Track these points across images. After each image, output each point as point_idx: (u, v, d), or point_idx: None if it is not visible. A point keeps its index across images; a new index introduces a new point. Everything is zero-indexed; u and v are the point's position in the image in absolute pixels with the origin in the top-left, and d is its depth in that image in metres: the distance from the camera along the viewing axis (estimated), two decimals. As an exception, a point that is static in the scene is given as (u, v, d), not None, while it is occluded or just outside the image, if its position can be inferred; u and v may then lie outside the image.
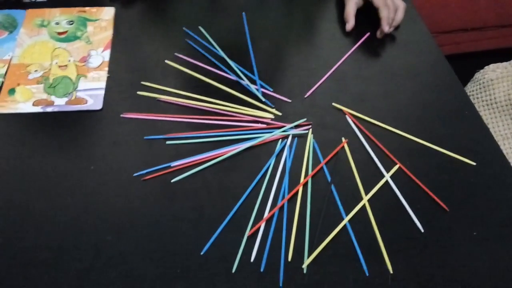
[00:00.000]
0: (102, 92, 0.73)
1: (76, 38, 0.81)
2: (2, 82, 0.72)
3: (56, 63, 0.76)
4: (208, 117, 0.70)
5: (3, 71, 0.75)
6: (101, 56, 0.78)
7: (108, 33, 0.82)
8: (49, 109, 0.70)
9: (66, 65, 0.76)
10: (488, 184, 0.65)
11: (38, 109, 0.70)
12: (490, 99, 0.95)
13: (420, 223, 0.60)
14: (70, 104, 0.71)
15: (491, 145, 0.69)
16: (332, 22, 0.87)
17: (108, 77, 0.75)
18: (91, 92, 0.72)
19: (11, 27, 0.82)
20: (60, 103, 0.71)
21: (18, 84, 0.73)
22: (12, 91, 0.72)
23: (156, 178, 0.63)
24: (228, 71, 0.77)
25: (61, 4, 0.86)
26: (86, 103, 0.71)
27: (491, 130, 0.76)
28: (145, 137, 0.67)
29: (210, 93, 0.73)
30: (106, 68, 0.76)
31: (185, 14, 0.87)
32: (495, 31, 1.30)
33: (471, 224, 0.60)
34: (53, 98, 0.71)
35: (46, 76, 0.74)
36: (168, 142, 0.67)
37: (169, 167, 0.64)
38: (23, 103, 0.70)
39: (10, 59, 0.76)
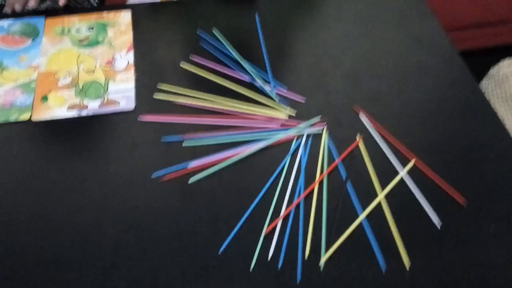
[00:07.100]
0: (133, 93, 0.74)
1: (98, 43, 0.82)
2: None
3: (83, 68, 0.78)
4: (223, 118, 0.71)
5: (34, 76, 0.77)
6: (125, 58, 0.79)
7: (129, 36, 0.83)
8: (84, 113, 0.72)
9: (93, 70, 0.78)
10: (504, 179, 0.64)
11: (73, 113, 0.72)
12: (506, 95, 0.94)
13: (437, 218, 0.60)
14: (103, 106, 0.72)
15: (507, 141, 0.69)
16: (346, 21, 0.87)
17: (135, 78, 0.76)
18: (122, 94, 0.74)
19: (33, 34, 0.84)
20: (94, 106, 0.72)
21: (50, 91, 0.74)
22: (45, 98, 0.73)
23: (174, 179, 0.64)
24: (243, 72, 0.78)
25: (76, 10, 0.88)
26: (119, 104, 0.73)
27: (507, 125, 0.75)
28: (162, 139, 0.68)
29: (225, 94, 0.74)
30: (133, 70, 0.78)
31: (199, 17, 0.88)
32: (509, 26, 1.29)
33: (488, 219, 0.60)
34: (86, 102, 0.73)
35: (75, 82, 0.76)
36: (184, 144, 0.68)
37: (186, 168, 0.65)
38: (58, 108, 0.72)
39: (38, 67, 0.78)
